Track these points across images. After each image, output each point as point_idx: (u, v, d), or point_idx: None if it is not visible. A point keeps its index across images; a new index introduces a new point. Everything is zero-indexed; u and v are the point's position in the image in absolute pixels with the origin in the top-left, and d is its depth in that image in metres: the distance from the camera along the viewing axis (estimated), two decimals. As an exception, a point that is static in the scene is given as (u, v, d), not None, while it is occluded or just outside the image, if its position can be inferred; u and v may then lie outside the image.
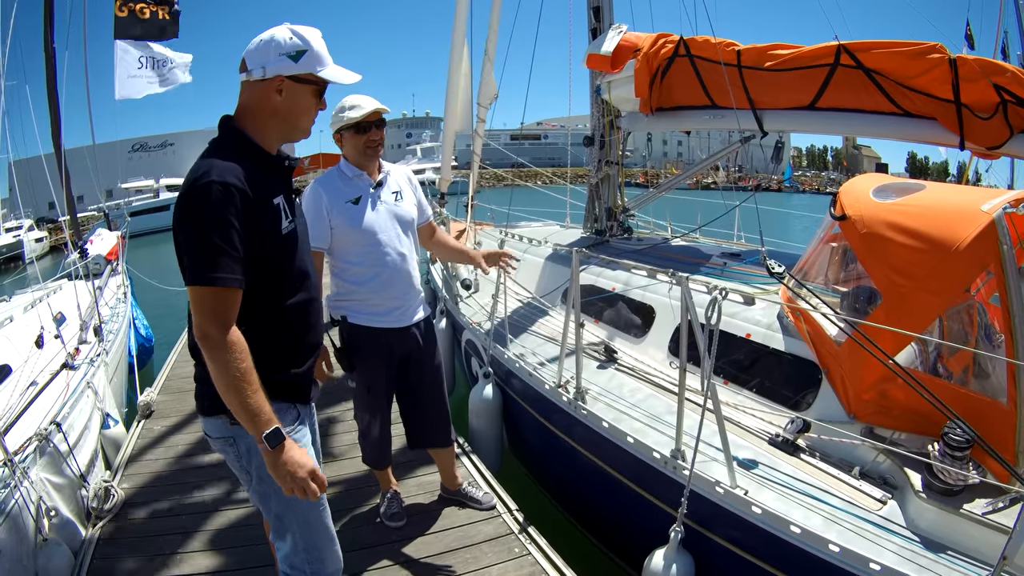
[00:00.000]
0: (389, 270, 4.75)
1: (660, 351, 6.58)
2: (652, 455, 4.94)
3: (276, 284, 3.06)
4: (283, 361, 3.17)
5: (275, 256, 3.00)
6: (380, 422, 5.20)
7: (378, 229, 4.70)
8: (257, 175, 2.90)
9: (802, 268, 5.65)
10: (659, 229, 10.93)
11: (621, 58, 8.66)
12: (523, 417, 7.10)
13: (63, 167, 10.57)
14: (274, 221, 2.98)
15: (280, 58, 2.91)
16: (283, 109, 3.00)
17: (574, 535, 6.58)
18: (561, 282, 8.20)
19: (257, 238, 2.86)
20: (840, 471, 4.40)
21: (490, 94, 10.64)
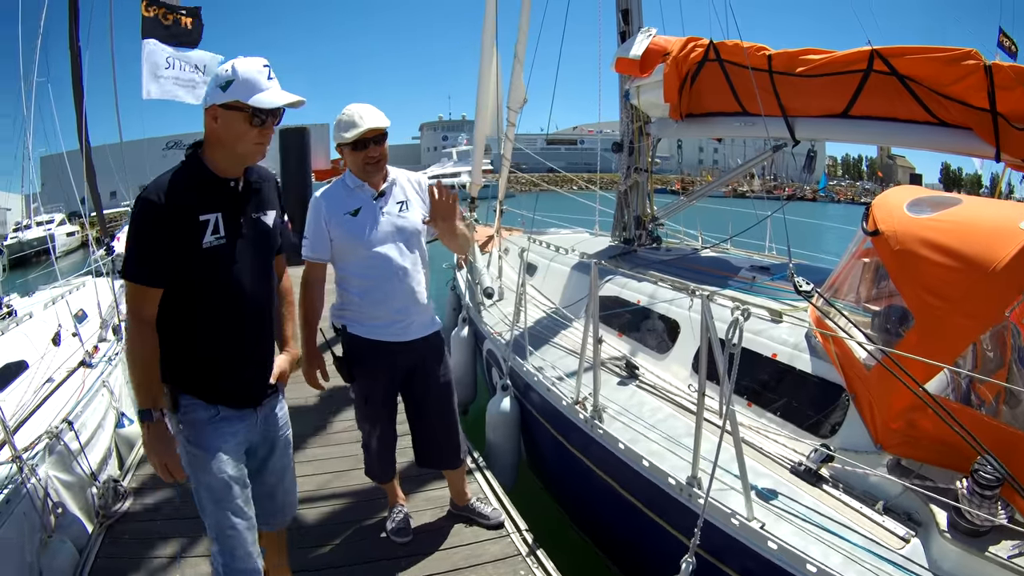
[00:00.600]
0: (389, 283, 4.63)
1: (684, 368, 6.37)
2: (667, 481, 4.76)
3: (196, 292, 3.37)
4: (193, 363, 3.48)
5: (195, 267, 3.31)
6: (378, 434, 5.11)
7: (377, 241, 4.58)
8: (192, 193, 3.29)
9: (832, 284, 5.39)
10: (689, 239, 10.72)
11: (650, 62, 8.53)
12: (540, 432, 6.94)
13: (89, 164, 10.55)
14: (194, 234, 3.27)
15: (215, 89, 3.24)
16: (219, 136, 3.31)
17: (589, 556, 6.42)
18: (585, 293, 8.04)
19: (176, 248, 3.22)
20: (863, 504, 4.16)
21: (519, 98, 10.48)
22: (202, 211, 3.30)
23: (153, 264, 3.20)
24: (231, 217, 3.42)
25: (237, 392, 3.61)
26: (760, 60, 7.28)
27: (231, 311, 3.49)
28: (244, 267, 3.50)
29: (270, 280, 3.82)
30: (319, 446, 7.42)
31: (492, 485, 6.28)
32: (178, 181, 3.29)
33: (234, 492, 3.55)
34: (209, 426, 3.49)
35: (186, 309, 3.37)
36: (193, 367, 3.47)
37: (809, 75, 6.95)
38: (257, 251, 3.60)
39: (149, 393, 3.27)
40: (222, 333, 3.50)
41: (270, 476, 4.00)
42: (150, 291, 3.24)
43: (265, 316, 3.75)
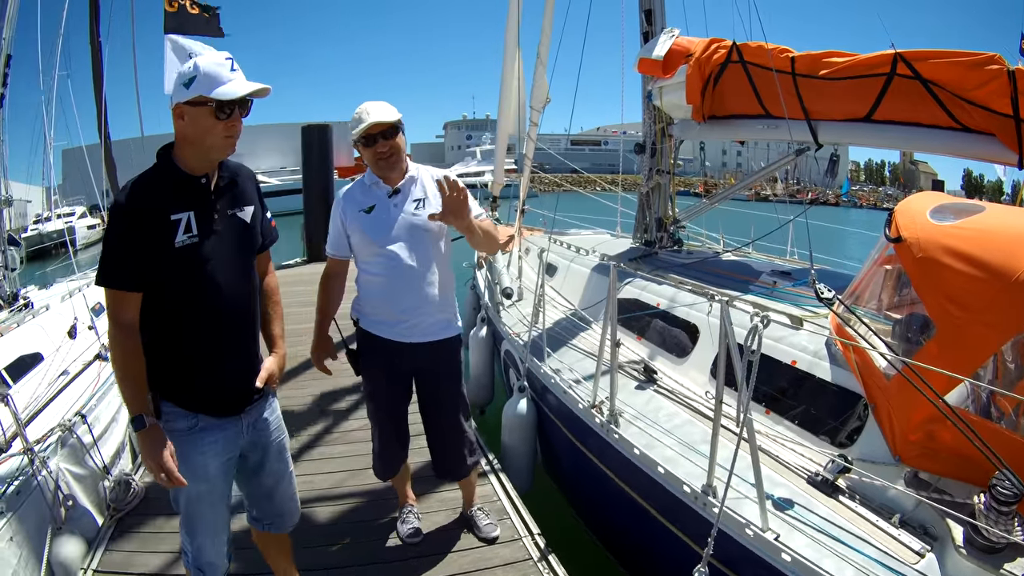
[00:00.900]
0: (397, 282, 4.58)
1: (702, 374, 6.32)
2: (682, 488, 4.70)
3: (170, 293, 3.33)
4: (173, 368, 3.44)
5: (169, 267, 3.27)
6: (379, 431, 5.12)
7: (387, 239, 4.53)
8: (162, 193, 3.27)
9: (854, 291, 5.32)
10: (711, 242, 10.65)
11: (673, 63, 8.46)
12: (556, 435, 6.92)
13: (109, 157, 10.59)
14: (165, 235, 3.24)
15: (178, 87, 3.19)
16: (187, 133, 3.27)
17: (601, 561, 6.38)
18: (605, 295, 8.01)
19: (148, 250, 3.19)
20: (879, 517, 4.09)
21: (542, 98, 10.47)
22: (173, 210, 3.28)
23: (126, 268, 3.18)
24: (204, 215, 3.39)
25: (218, 399, 3.58)
26: (783, 62, 7.19)
27: (208, 312, 3.46)
28: (221, 266, 3.46)
29: (251, 279, 3.75)
30: (334, 444, 7.44)
31: (506, 488, 6.25)
32: (148, 182, 3.29)
33: (208, 500, 3.62)
34: (187, 437, 3.47)
35: (163, 311, 3.35)
36: (172, 372, 3.44)
37: (832, 78, 6.86)
38: (235, 249, 3.57)
39: (137, 399, 3.26)
40: (200, 335, 3.47)
41: (266, 479, 3.99)
42: (128, 295, 3.23)
43: (246, 316, 3.70)
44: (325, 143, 21.96)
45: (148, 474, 6.66)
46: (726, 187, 14.59)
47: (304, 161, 22.11)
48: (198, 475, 3.47)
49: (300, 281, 17.60)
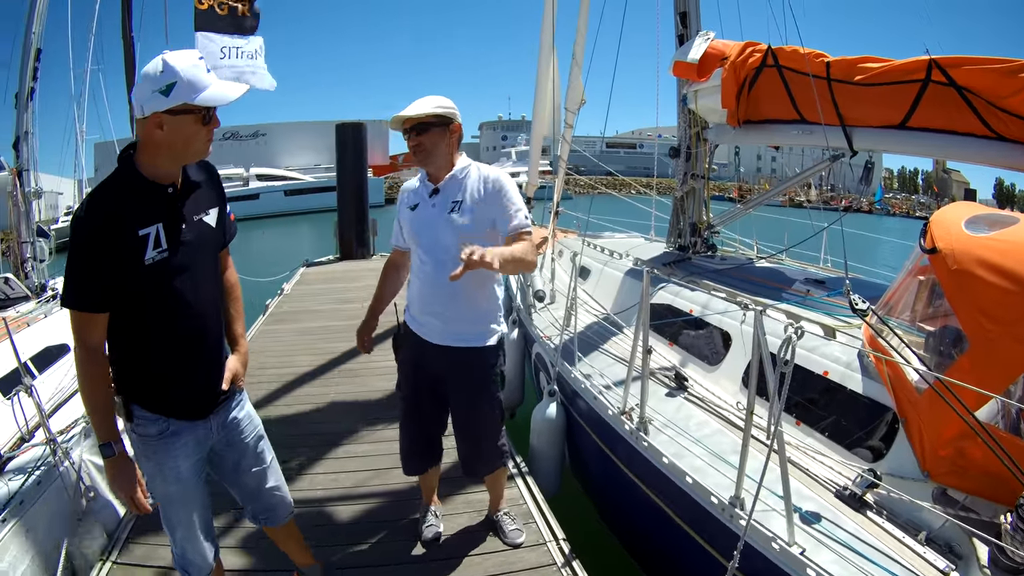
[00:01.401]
0: (428, 282, 4.53)
1: (733, 383, 6.29)
2: (710, 499, 4.67)
3: (142, 308, 3.25)
4: (142, 377, 3.40)
5: (137, 284, 3.16)
6: (402, 426, 5.14)
7: (420, 239, 4.53)
8: (129, 207, 3.12)
9: (887, 302, 5.26)
10: (744, 248, 10.59)
11: (708, 66, 8.43)
12: (585, 440, 6.90)
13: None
14: (135, 252, 3.12)
15: (153, 95, 3.01)
16: (169, 142, 3.13)
17: (626, 567, 6.37)
18: (637, 300, 7.97)
19: (118, 266, 3.07)
20: (906, 534, 4.04)
21: (577, 99, 10.42)
22: (140, 225, 3.15)
23: (93, 289, 3.08)
24: (172, 226, 3.28)
25: (187, 404, 3.55)
26: (819, 67, 7.15)
27: (179, 323, 3.40)
28: (190, 276, 3.40)
29: (217, 283, 3.74)
30: (359, 442, 7.44)
31: (532, 492, 6.19)
32: (112, 195, 3.15)
33: (183, 501, 3.66)
34: (160, 441, 3.46)
35: (135, 325, 3.28)
36: (142, 380, 3.41)
37: (867, 84, 6.82)
38: (203, 256, 3.51)
39: (105, 425, 3.26)
40: (171, 346, 3.42)
41: (248, 479, 4.01)
42: (95, 317, 3.14)
43: (214, 323, 3.66)
44: (359, 141, 22.09)
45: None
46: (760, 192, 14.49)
47: (338, 159, 22.21)
48: (170, 478, 3.52)
49: (332, 279, 17.88)
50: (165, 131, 3.08)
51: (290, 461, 6.63)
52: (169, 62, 3.01)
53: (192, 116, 3.10)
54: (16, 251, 10.58)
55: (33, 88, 10.29)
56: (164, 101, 3.00)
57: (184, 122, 3.10)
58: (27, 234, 10.49)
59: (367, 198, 22.28)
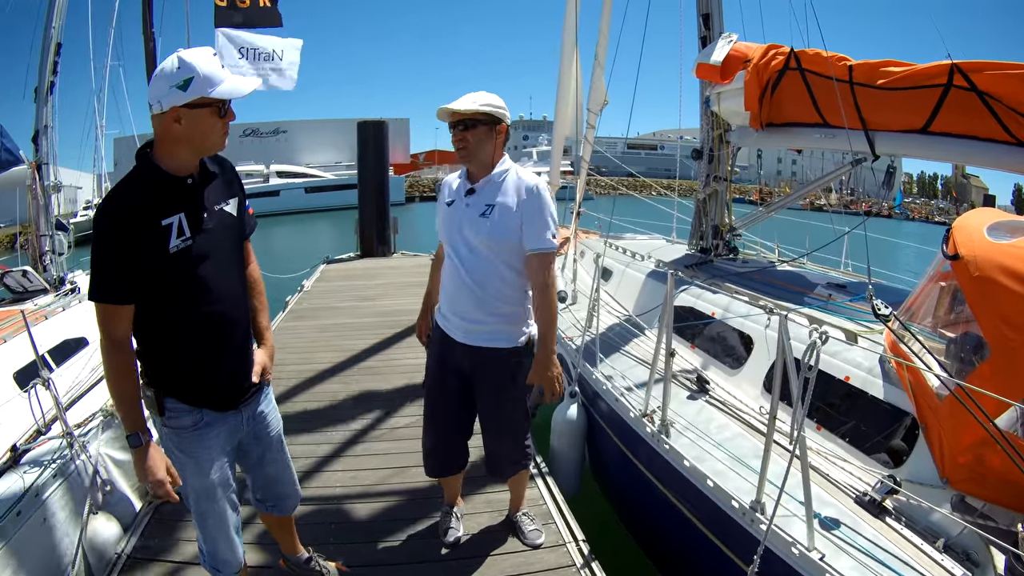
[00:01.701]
0: (454, 280, 4.50)
1: (755, 387, 6.32)
2: (731, 503, 4.69)
3: (168, 297, 3.31)
4: (175, 367, 3.47)
5: (163, 273, 3.23)
6: (427, 422, 5.06)
7: (451, 238, 4.48)
8: (150, 199, 3.21)
9: (909, 308, 5.26)
10: (765, 251, 10.56)
11: (731, 69, 8.46)
12: (605, 442, 6.92)
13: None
14: (159, 241, 3.20)
15: (171, 90, 3.11)
16: (187, 135, 3.22)
17: (644, 569, 6.38)
18: (659, 302, 7.97)
19: (143, 257, 3.14)
20: (924, 541, 4.05)
21: (600, 100, 10.42)
22: (163, 215, 3.23)
23: (119, 282, 3.15)
24: (193, 215, 3.36)
25: (220, 394, 3.63)
26: (841, 70, 7.15)
27: (207, 311, 3.46)
28: (215, 264, 3.47)
29: (242, 273, 3.80)
30: (379, 440, 7.46)
31: (552, 492, 6.18)
32: (132, 189, 3.24)
33: (217, 495, 3.66)
34: (194, 432, 3.52)
35: (162, 314, 3.34)
36: (175, 371, 3.47)
37: (890, 88, 6.82)
38: (226, 244, 3.59)
39: (132, 415, 3.28)
40: (200, 334, 3.48)
41: (269, 468, 4.09)
42: (121, 309, 3.20)
43: (241, 311, 3.74)
44: (381, 139, 22.08)
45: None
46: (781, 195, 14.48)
47: (359, 157, 22.24)
48: (204, 469, 3.56)
49: (353, 276, 17.88)
50: (183, 124, 3.18)
51: (309, 458, 6.68)
52: (185, 58, 3.11)
53: (209, 109, 3.19)
54: (35, 244, 10.66)
55: (53, 82, 10.36)
56: (182, 96, 3.10)
57: (201, 115, 3.19)
58: (46, 227, 10.54)
59: (388, 196, 22.31)
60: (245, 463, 3.97)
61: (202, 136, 3.26)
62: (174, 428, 3.47)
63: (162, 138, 3.26)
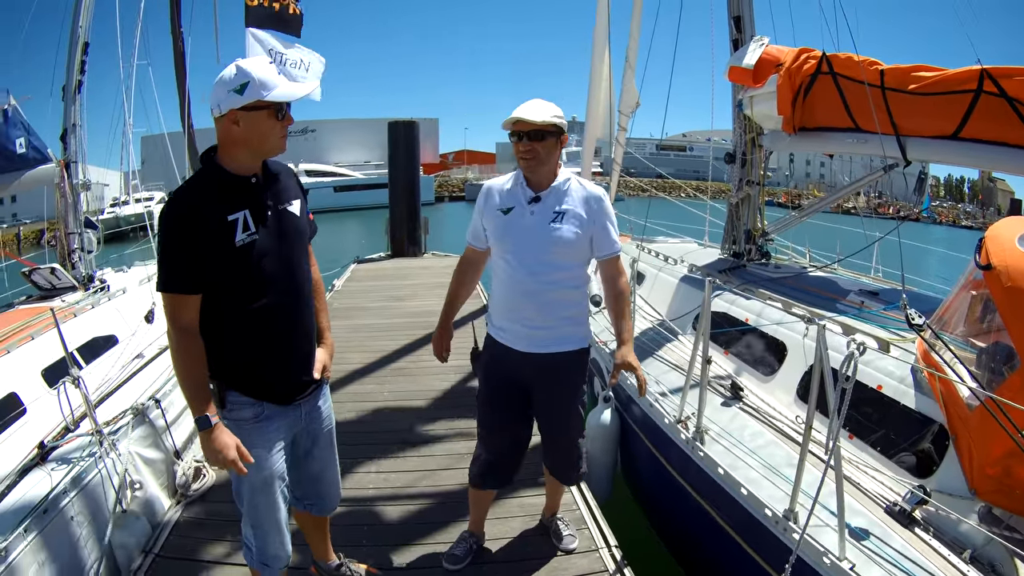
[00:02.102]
0: (519, 290, 4.42)
1: (788, 394, 6.35)
2: (764, 511, 4.71)
3: (232, 289, 3.44)
4: (240, 359, 3.59)
5: (229, 265, 3.38)
6: (485, 436, 4.98)
7: (516, 247, 4.39)
8: (216, 197, 3.38)
9: (940, 317, 5.27)
10: (796, 255, 10.55)
11: (763, 72, 8.45)
12: (638, 447, 6.95)
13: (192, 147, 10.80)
14: (225, 235, 3.35)
15: (229, 94, 3.27)
16: (245, 137, 3.38)
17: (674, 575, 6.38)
18: (693, 307, 8.01)
19: (210, 250, 3.29)
20: (951, 552, 4.07)
21: (631, 102, 10.42)
22: (228, 212, 3.38)
23: (186, 272, 3.28)
24: (257, 212, 3.50)
25: (281, 388, 3.73)
26: (873, 75, 7.18)
27: (272, 307, 3.57)
28: (279, 260, 3.58)
29: (307, 270, 3.88)
30: (412, 443, 7.53)
31: (586, 497, 6.17)
32: (199, 187, 3.43)
33: (273, 488, 3.74)
34: (254, 425, 3.62)
35: (227, 308, 3.45)
36: (239, 364, 3.57)
37: (921, 93, 6.82)
38: (289, 242, 3.68)
39: (200, 398, 3.36)
40: (264, 328, 3.58)
41: (314, 465, 4.15)
42: (188, 298, 3.33)
43: (305, 307, 3.83)
44: (411, 140, 22.12)
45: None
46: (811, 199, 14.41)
47: (390, 157, 22.24)
48: (263, 463, 3.63)
49: (383, 276, 18.00)
50: (241, 127, 3.32)
51: (341, 459, 6.68)
52: (242, 66, 3.27)
53: (265, 112, 3.33)
54: (63, 241, 10.71)
55: (81, 81, 10.43)
56: (239, 99, 3.24)
57: (258, 118, 3.32)
58: (74, 225, 10.63)
59: (419, 196, 22.34)
60: (291, 457, 3.98)
61: (260, 138, 3.40)
62: (235, 420, 3.54)
63: (223, 141, 3.43)
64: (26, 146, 9.50)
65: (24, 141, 9.46)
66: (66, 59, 10.43)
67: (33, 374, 6.96)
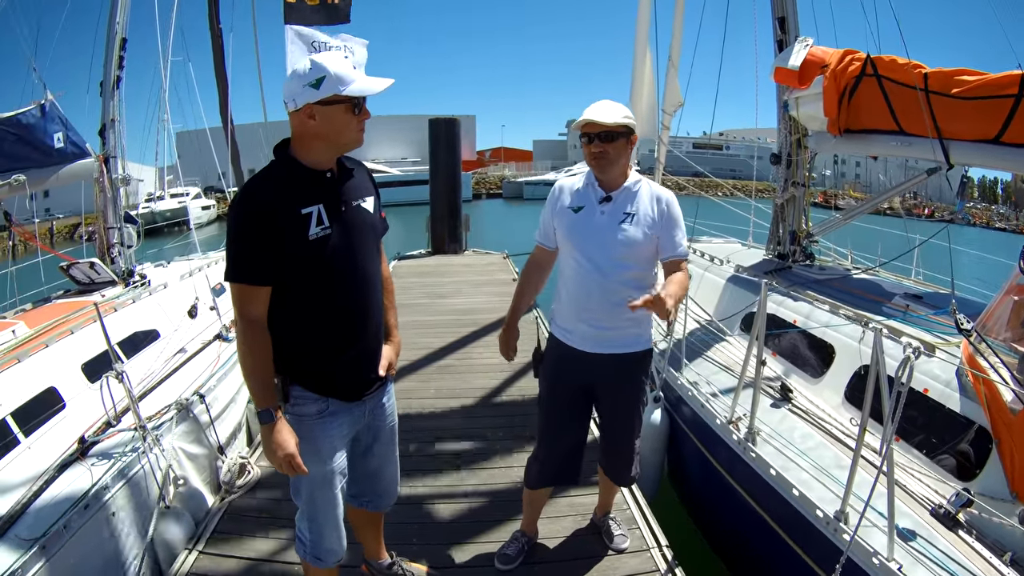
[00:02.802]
0: (588, 290, 4.41)
1: (836, 395, 6.41)
2: (815, 512, 4.79)
3: (303, 284, 3.47)
4: (306, 354, 3.61)
5: (302, 259, 3.40)
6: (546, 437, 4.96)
7: (587, 246, 4.40)
8: (289, 189, 3.40)
9: (984, 322, 5.33)
10: (839, 257, 10.58)
11: (808, 74, 8.49)
12: (687, 447, 7.04)
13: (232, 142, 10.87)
14: (299, 229, 3.37)
15: (304, 88, 3.29)
16: (322, 131, 3.40)
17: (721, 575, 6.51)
18: (741, 307, 8.08)
19: (282, 242, 3.32)
20: (992, 554, 4.16)
21: (674, 102, 10.47)
22: (303, 205, 3.39)
23: (257, 263, 3.31)
24: (332, 207, 3.50)
25: (347, 385, 3.76)
26: (916, 78, 7.22)
27: (343, 302, 3.61)
28: (351, 255, 3.60)
29: (378, 266, 3.88)
30: (458, 440, 7.59)
31: (636, 497, 6.20)
32: (274, 179, 3.44)
33: (334, 483, 3.78)
34: (317, 420, 3.64)
35: (297, 302, 3.48)
36: (306, 359, 3.59)
37: (963, 97, 6.87)
38: (362, 238, 3.69)
39: (264, 393, 3.39)
40: (335, 324, 3.62)
41: (373, 461, 4.19)
42: (258, 290, 3.34)
43: (374, 304, 3.83)
44: (452, 137, 22.16)
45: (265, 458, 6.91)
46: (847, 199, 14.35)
47: (431, 154, 22.19)
48: (324, 458, 3.67)
49: (423, 272, 18.02)
50: (317, 120, 3.34)
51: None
52: (318, 61, 3.30)
53: (342, 106, 3.34)
54: (102, 236, 10.76)
55: (119, 77, 10.42)
56: (315, 93, 3.27)
57: (335, 112, 3.35)
58: (114, 220, 10.70)
59: (460, 193, 22.31)
60: (351, 453, 3.99)
61: (337, 132, 3.41)
62: (298, 415, 3.57)
63: (299, 134, 3.45)
64: (64, 141, 9.50)
65: (62, 136, 9.47)
66: (103, 55, 10.43)
67: (73, 368, 6.98)
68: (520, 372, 9.07)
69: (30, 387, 6.27)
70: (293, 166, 3.47)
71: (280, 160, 3.50)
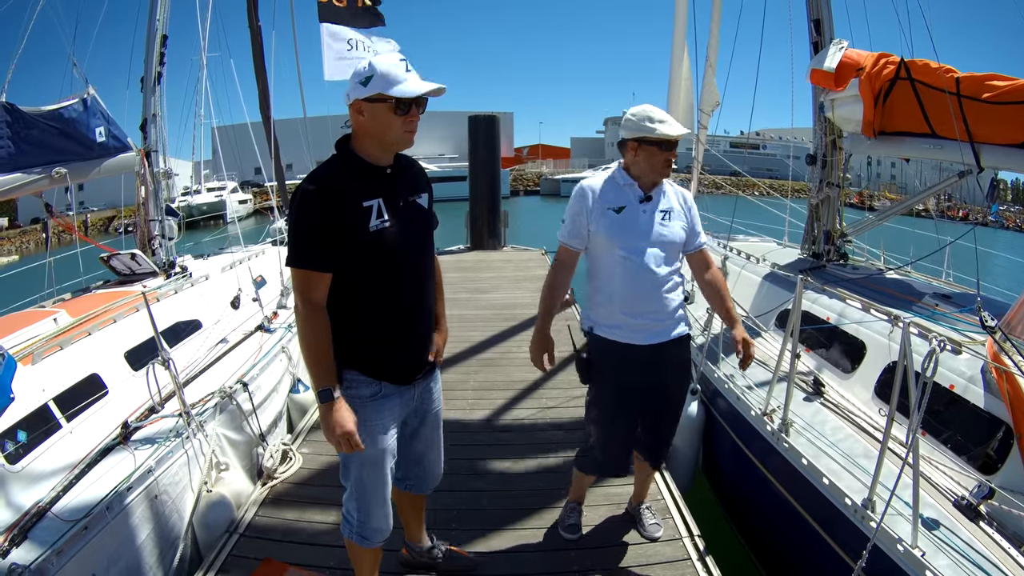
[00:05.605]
0: (638, 286, 4.63)
1: (866, 391, 6.55)
2: (844, 501, 4.95)
3: (362, 273, 3.64)
4: (362, 340, 3.78)
5: (361, 249, 3.59)
6: (605, 437, 5.10)
7: (636, 244, 4.61)
8: (352, 182, 3.60)
9: (1009, 321, 5.47)
10: (871, 257, 10.67)
11: (844, 76, 8.54)
12: (722, 438, 7.22)
13: (272, 137, 11.07)
14: (360, 220, 3.57)
15: (356, 86, 3.49)
16: (368, 127, 3.60)
17: (747, 564, 6.69)
18: (776, 304, 8.23)
19: (343, 233, 3.51)
20: (1012, 545, 4.32)
21: (712, 101, 10.63)
22: (365, 198, 3.57)
23: (319, 250, 3.47)
24: (391, 201, 3.68)
25: (399, 369, 3.93)
26: (949, 82, 7.33)
27: (398, 291, 3.78)
28: (408, 247, 3.78)
29: (432, 259, 4.08)
30: (499, 431, 7.87)
31: (670, 487, 6.42)
32: (336, 171, 3.61)
33: (383, 464, 3.94)
34: (371, 402, 3.81)
35: (355, 290, 3.64)
36: (361, 345, 3.75)
37: (994, 102, 6.98)
38: (418, 231, 3.89)
39: (326, 374, 3.55)
40: (391, 312, 3.79)
41: (418, 444, 4.37)
42: (320, 276, 3.51)
43: (428, 294, 4.03)
44: (492, 134, 22.30)
45: (306, 445, 7.09)
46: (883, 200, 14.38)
47: (471, 151, 22.31)
48: (376, 439, 3.84)
49: (463, 267, 18.27)
50: (365, 117, 3.55)
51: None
52: (371, 61, 3.49)
53: (386, 105, 3.49)
54: (143, 228, 10.98)
55: (160, 73, 10.63)
56: (363, 91, 3.47)
57: (380, 110, 3.51)
58: (155, 212, 10.94)
59: (499, 190, 22.47)
60: (398, 435, 4.10)
61: (383, 130, 3.56)
62: (350, 396, 3.68)
63: (356, 130, 3.66)
64: (106, 135, 9.68)
65: (104, 130, 9.64)
66: (144, 51, 10.66)
67: (116, 356, 7.14)
68: (560, 366, 9.22)
69: (73, 373, 6.39)
70: (354, 160, 3.66)
71: (342, 154, 3.68)
